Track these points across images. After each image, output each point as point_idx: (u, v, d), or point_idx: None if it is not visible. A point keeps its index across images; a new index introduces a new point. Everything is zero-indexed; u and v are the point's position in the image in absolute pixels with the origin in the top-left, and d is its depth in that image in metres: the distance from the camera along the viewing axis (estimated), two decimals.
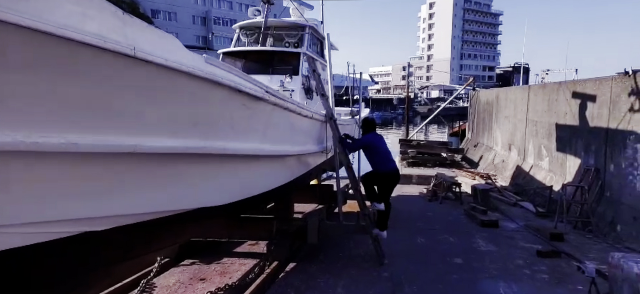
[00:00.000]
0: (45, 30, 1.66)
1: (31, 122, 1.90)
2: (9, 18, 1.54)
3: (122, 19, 2.01)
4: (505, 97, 13.55)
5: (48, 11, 1.66)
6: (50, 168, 2.09)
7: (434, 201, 9.41)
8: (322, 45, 9.71)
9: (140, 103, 2.38)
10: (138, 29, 2.11)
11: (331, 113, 5.82)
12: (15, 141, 1.84)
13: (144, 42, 2.13)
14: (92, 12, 1.85)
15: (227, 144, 3.43)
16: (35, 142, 1.90)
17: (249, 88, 3.36)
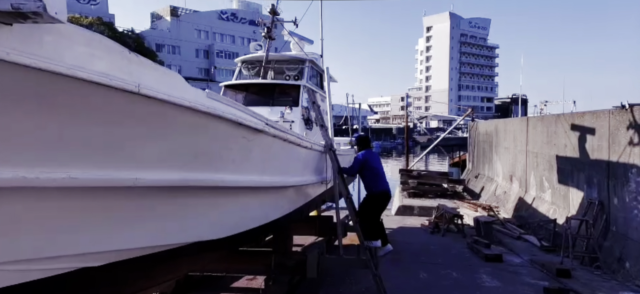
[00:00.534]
0: (57, 71, 1.72)
1: (33, 157, 1.92)
2: (23, 61, 1.58)
3: (128, 58, 2.08)
4: (504, 129, 13.61)
5: (59, 53, 1.72)
6: (50, 203, 2.10)
7: (436, 233, 9.27)
8: (322, 77, 9.86)
9: (142, 137, 2.42)
10: (143, 67, 2.18)
11: (330, 144, 5.83)
12: (16, 177, 1.86)
13: (148, 79, 2.19)
14: (99, 53, 1.91)
15: (226, 176, 3.41)
16: (37, 177, 1.92)
17: (249, 121, 3.37)
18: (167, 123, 2.52)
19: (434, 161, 35.83)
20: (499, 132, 14.09)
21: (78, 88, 1.86)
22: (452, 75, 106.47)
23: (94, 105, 2.02)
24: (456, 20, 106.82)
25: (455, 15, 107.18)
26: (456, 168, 19.77)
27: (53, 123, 1.92)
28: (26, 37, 1.56)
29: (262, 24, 9.19)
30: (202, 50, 64.09)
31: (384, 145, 58.24)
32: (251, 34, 62.47)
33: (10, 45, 1.51)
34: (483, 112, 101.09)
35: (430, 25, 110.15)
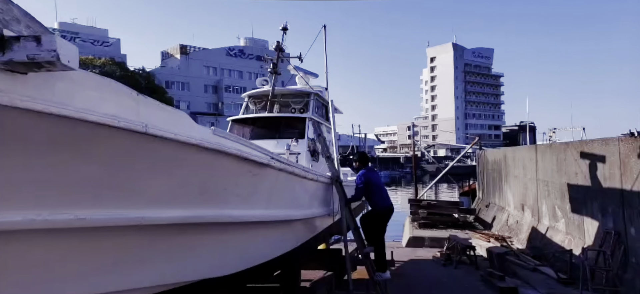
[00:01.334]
0: (68, 115, 1.78)
1: (42, 200, 1.96)
2: (36, 107, 1.64)
3: (136, 99, 2.14)
4: (512, 157, 13.48)
5: (70, 98, 1.78)
6: (58, 245, 2.12)
7: (449, 265, 9.04)
8: (327, 109, 9.97)
9: (148, 176, 2.45)
10: (150, 107, 2.24)
11: (337, 175, 5.82)
12: (25, 219, 1.89)
13: (155, 119, 2.25)
14: (109, 96, 1.98)
15: (233, 212, 3.42)
16: (45, 219, 1.95)
17: (254, 155, 3.41)
18: (173, 161, 2.56)
19: (443, 191, 35.42)
20: (507, 161, 13.96)
21: (87, 131, 1.91)
22: (458, 103, 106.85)
23: (102, 145, 2.07)
24: (459, 50, 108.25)
25: (458, 45, 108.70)
26: (466, 197, 19.49)
27: (62, 165, 1.96)
28: (40, 84, 1.62)
29: (269, 60, 9.42)
30: (210, 86, 65.46)
31: (392, 175, 57.86)
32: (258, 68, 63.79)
33: (25, 93, 1.57)
34: (491, 140, 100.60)
35: (434, 56, 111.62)
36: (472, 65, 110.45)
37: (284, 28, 9.37)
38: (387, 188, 7.08)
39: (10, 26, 1.39)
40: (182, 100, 60.06)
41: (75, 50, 1.48)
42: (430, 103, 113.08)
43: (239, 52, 68.28)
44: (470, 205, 17.24)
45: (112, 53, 55.25)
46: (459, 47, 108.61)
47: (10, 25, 1.39)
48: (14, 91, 1.53)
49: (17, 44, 1.38)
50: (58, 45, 1.37)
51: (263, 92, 9.25)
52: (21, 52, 1.37)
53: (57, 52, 1.37)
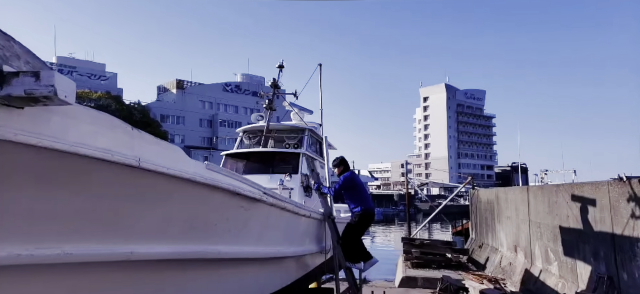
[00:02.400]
0: (60, 149, 1.79)
1: (29, 234, 1.93)
2: (30, 141, 1.66)
3: (131, 134, 2.17)
4: (505, 197, 13.54)
5: (64, 132, 1.81)
6: (42, 281, 2.07)
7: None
8: (321, 145, 10.05)
9: (139, 210, 2.44)
10: (144, 142, 2.27)
11: (330, 211, 5.79)
12: (10, 255, 1.86)
13: (149, 153, 2.27)
14: (103, 130, 2.01)
15: (222, 248, 3.37)
16: (31, 254, 1.92)
17: (246, 190, 3.40)
18: (166, 195, 2.56)
19: (436, 229, 35.16)
20: (500, 201, 14.00)
21: (81, 164, 1.92)
22: (451, 143, 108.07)
23: (95, 179, 2.07)
24: (452, 91, 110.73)
25: (451, 86, 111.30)
26: (460, 237, 19.35)
27: (52, 198, 1.95)
28: (35, 118, 1.65)
29: (265, 96, 9.58)
30: (206, 120, 65.76)
31: (386, 212, 57.42)
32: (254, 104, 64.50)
33: (20, 127, 1.59)
34: (484, 179, 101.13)
35: (427, 96, 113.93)
36: (464, 106, 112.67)
37: (281, 66, 9.59)
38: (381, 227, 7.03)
39: (10, 62, 1.43)
40: (177, 133, 60.08)
41: (73, 85, 1.52)
42: (423, 142, 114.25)
43: (235, 87, 69.19)
44: (464, 245, 17.09)
45: (108, 87, 55.66)
46: (452, 88, 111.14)
47: (10, 61, 1.43)
48: (8, 125, 1.55)
49: (16, 79, 1.41)
50: (56, 81, 1.41)
51: (258, 127, 9.34)
52: (19, 87, 1.41)
53: (54, 87, 1.40)
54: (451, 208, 35.26)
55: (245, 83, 70.67)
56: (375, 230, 31.65)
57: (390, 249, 21.55)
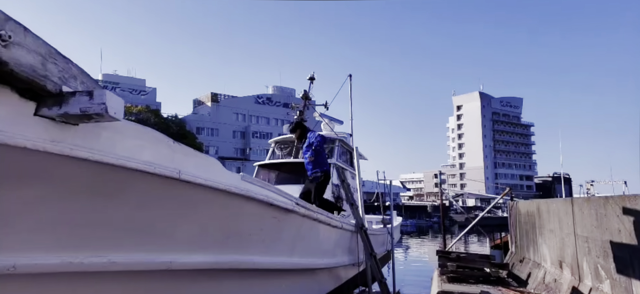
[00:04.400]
0: (109, 162, 1.91)
1: (79, 243, 2.05)
2: (83, 155, 1.78)
3: (172, 147, 2.27)
4: (547, 209, 12.88)
5: (112, 146, 1.92)
6: (91, 288, 2.19)
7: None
8: (352, 155, 10.03)
9: (179, 220, 2.53)
10: (184, 154, 2.36)
11: (361, 223, 5.75)
12: (62, 262, 1.98)
13: (188, 165, 2.36)
14: (147, 144, 2.12)
15: (256, 258, 3.42)
16: (81, 262, 2.04)
17: (279, 201, 3.45)
18: (204, 205, 2.65)
19: (473, 242, 33.92)
20: (541, 213, 13.35)
21: (126, 177, 2.04)
22: (487, 152, 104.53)
23: (138, 191, 2.18)
24: (487, 99, 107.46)
25: (485, 94, 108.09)
26: (498, 251, 18.56)
27: (100, 209, 2.08)
28: (87, 133, 1.77)
29: (295, 107, 9.71)
30: (239, 132, 67.31)
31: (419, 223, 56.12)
32: (285, 115, 65.40)
33: (74, 141, 1.72)
34: (523, 190, 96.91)
35: (460, 104, 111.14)
36: (500, 114, 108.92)
37: (311, 78, 9.71)
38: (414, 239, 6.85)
39: (68, 82, 1.55)
40: (211, 145, 61.83)
41: (121, 102, 1.63)
42: (457, 152, 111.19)
43: (266, 99, 70.51)
44: (503, 259, 16.38)
45: (148, 101, 58.34)
46: (486, 96, 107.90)
47: (68, 82, 1.55)
48: (66, 140, 1.68)
49: (73, 98, 1.54)
50: (107, 99, 1.52)
51: (289, 137, 9.46)
52: (75, 106, 1.53)
53: (105, 105, 1.51)
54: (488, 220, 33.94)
55: (276, 95, 71.89)
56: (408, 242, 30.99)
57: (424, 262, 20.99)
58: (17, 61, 1.37)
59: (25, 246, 1.87)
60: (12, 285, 1.90)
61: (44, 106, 1.57)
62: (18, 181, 1.72)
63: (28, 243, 1.88)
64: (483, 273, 14.07)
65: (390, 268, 9.73)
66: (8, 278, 1.86)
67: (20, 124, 1.55)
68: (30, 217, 1.85)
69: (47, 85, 1.49)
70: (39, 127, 1.59)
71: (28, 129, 1.56)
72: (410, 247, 28.59)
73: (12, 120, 1.52)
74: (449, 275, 13.90)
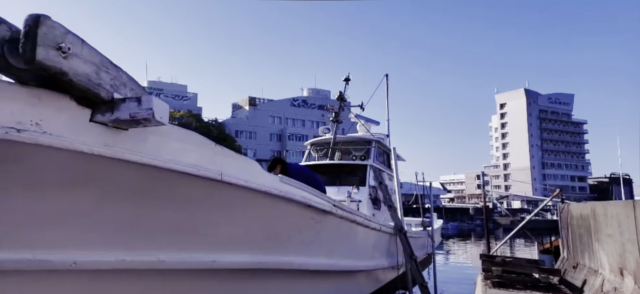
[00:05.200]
0: (156, 165, 2.00)
1: (130, 243, 2.18)
2: (133, 158, 1.89)
3: (214, 150, 2.35)
4: (603, 212, 12.02)
5: (159, 149, 2.02)
6: (141, 285, 2.31)
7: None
8: (389, 157, 9.89)
9: (221, 221, 2.62)
10: (225, 157, 2.44)
11: (400, 225, 5.66)
12: (117, 260, 2.11)
13: (229, 167, 2.43)
14: (191, 147, 2.20)
15: (295, 259, 3.46)
16: (132, 260, 2.16)
17: (317, 202, 3.47)
18: (245, 206, 2.72)
19: (519, 247, 32.34)
20: (597, 217, 12.47)
21: (172, 179, 2.13)
22: (533, 152, 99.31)
23: (183, 192, 2.28)
24: (533, 96, 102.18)
25: (531, 91, 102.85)
26: (548, 256, 17.51)
27: (148, 210, 2.19)
28: (136, 137, 1.88)
29: (331, 109, 9.74)
30: (275, 135, 68.47)
31: (461, 227, 54.32)
32: (320, 117, 65.70)
33: (125, 146, 1.83)
34: (575, 192, 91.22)
35: (504, 102, 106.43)
36: (548, 112, 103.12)
37: (347, 79, 9.70)
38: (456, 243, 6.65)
39: (119, 90, 1.66)
40: (249, 148, 63.33)
41: (166, 108, 1.71)
42: (501, 152, 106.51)
43: (302, 102, 71.22)
44: (554, 265, 15.48)
45: (190, 106, 60.76)
46: (532, 93, 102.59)
47: (119, 89, 1.66)
48: (116, 145, 1.79)
49: (123, 105, 1.64)
50: (154, 104, 1.60)
51: (325, 139, 9.50)
52: (125, 112, 1.62)
53: (152, 110, 1.59)
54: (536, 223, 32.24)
55: (311, 97, 72.41)
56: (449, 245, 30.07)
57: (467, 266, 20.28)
58: (75, 71, 1.48)
59: (84, 244, 2.01)
60: (72, 280, 2.05)
61: (98, 112, 1.69)
62: (77, 184, 1.85)
63: (86, 242, 2.02)
64: (531, 279, 13.35)
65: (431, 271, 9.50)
66: (69, 274, 2.01)
67: (79, 130, 1.67)
68: (87, 217, 1.99)
69: (100, 93, 1.60)
70: (94, 133, 1.71)
71: (85, 135, 1.68)
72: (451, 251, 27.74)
73: (71, 127, 1.64)
74: (494, 280, 13.30)
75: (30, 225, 1.82)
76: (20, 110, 1.50)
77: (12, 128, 1.48)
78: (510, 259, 14.91)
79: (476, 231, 50.77)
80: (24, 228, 1.81)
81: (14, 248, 1.80)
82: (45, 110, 1.56)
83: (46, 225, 1.87)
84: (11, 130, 1.48)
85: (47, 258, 1.90)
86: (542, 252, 19.93)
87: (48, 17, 1.38)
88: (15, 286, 1.87)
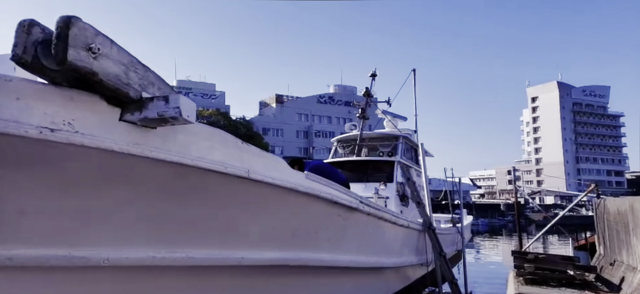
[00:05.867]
0: (185, 163, 2.03)
1: (160, 239, 2.22)
2: (162, 156, 1.92)
3: (240, 147, 2.36)
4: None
5: (187, 147, 2.04)
6: (172, 282, 2.36)
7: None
8: (417, 153, 9.72)
9: (249, 218, 2.63)
10: (252, 154, 2.45)
11: (429, 222, 5.55)
12: (147, 256, 2.15)
13: (256, 165, 2.44)
14: (217, 145, 2.22)
15: (322, 256, 3.45)
16: (163, 257, 2.20)
17: (343, 199, 3.44)
18: (271, 203, 2.72)
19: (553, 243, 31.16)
20: (636, 212, 11.83)
21: (200, 176, 2.15)
22: (567, 146, 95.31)
23: (211, 190, 2.30)
24: (566, 89, 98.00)
25: (564, 84, 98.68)
26: (584, 252, 16.77)
27: (177, 207, 2.22)
28: (164, 136, 1.90)
29: (357, 105, 9.66)
30: (302, 132, 68.78)
31: (492, 223, 52.89)
32: (346, 113, 65.47)
33: (154, 144, 1.85)
34: (611, 187, 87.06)
35: (536, 96, 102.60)
36: (582, 105, 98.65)
37: (373, 74, 9.58)
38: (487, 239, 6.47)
39: (147, 89, 1.67)
40: (277, 145, 63.93)
41: (193, 106, 1.72)
42: (532, 146, 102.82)
43: (328, 98, 71.14)
44: (589, 262, 14.81)
45: (218, 104, 61.90)
46: (566, 86, 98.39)
47: (147, 88, 1.67)
48: (146, 143, 1.82)
49: (151, 103, 1.65)
50: (181, 103, 1.61)
51: (351, 136, 9.43)
52: (153, 110, 1.64)
53: (179, 108, 1.60)
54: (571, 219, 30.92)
55: (338, 93, 72.23)
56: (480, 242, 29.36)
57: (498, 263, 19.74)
58: (104, 71, 1.51)
59: (116, 241, 2.07)
60: (105, 275, 2.11)
61: (127, 111, 1.71)
62: (107, 182, 1.90)
63: (118, 239, 2.07)
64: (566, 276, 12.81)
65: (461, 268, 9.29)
66: (102, 270, 2.07)
67: (109, 129, 1.70)
68: (119, 215, 2.04)
69: (130, 93, 1.62)
70: (123, 131, 1.73)
71: (115, 133, 1.71)
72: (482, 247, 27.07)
73: (102, 126, 1.67)
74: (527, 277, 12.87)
75: (65, 223, 1.88)
76: (54, 111, 1.54)
77: (46, 128, 1.52)
78: (543, 256, 14.36)
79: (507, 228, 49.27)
80: (58, 225, 1.86)
81: (50, 245, 1.86)
82: (77, 110, 1.59)
83: (80, 222, 1.92)
84: (45, 130, 1.52)
85: (81, 254, 1.95)
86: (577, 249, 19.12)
87: (79, 18, 1.41)
88: (51, 282, 1.94)
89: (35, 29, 1.43)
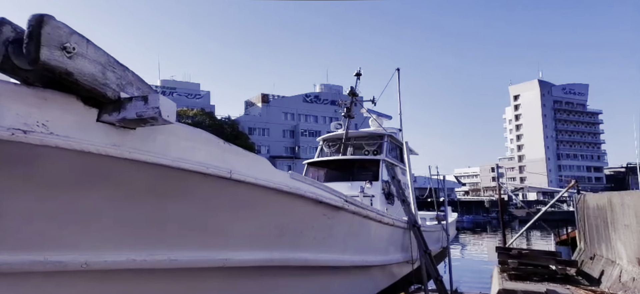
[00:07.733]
0: (165, 164, 1.99)
1: (141, 242, 2.17)
2: (141, 157, 1.88)
3: (223, 148, 2.33)
4: (620, 202, 11.74)
5: (167, 148, 2.00)
6: (153, 284, 2.31)
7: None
8: (402, 151, 9.81)
9: (232, 218, 2.60)
10: (235, 154, 2.42)
11: (414, 220, 5.60)
12: (127, 259, 2.11)
13: (239, 165, 2.41)
14: (199, 145, 2.19)
15: (308, 255, 3.44)
16: (144, 259, 2.16)
17: (328, 198, 3.44)
18: (255, 204, 2.70)
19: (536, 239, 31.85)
20: (614, 207, 12.19)
21: (181, 177, 2.12)
22: (548, 143, 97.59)
23: (192, 191, 2.26)
24: (547, 87, 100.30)
25: (545, 82, 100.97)
26: (565, 247, 17.22)
27: (157, 209, 2.17)
28: (144, 137, 1.86)
29: (343, 104, 9.69)
30: (288, 131, 68.61)
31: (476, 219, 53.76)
32: (333, 113, 65.59)
33: (133, 145, 1.81)
34: (591, 182, 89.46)
35: (518, 94, 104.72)
36: (562, 103, 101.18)
37: (358, 74, 9.62)
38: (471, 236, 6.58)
39: (125, 89, 1.64)
40: (263, 144, 63.61)
41: (173, 106, 1.69)
42: (515, 143, 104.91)
43: (314, 98, 71.16)
44: (571, 256, 15.20)
45: (203, 104, 61.20)
46: (546, 84, 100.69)
47: (125, 88, 1.64)
48: (124, 144, 1.77)
49: (129, 104, 1.62)
50: (160, 103, 1.58)
51: (337, 135, 9.46)
52: (132, 111, 1.60)
53: (159, 109, 1.57)
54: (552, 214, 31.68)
55: (324, 93, 72.31)
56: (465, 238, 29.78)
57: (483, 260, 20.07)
58: (80, 71, 1.46)
59: (95, 245, 2.01)
60: (84, 280, 2.05)
61: (105, 112, 1.67)
62: (85, 184, 1.85)
63: (97, 242, 2.02)
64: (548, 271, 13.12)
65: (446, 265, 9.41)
66: (81, 274, 2.01)
67: (86, 130, 1.65)
68: (97, 218, 1.99)
69: (107, 93, 1.58)
70: (101, 133, 1.69)
71: (92, 135, 1.67)
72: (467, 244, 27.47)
73: (78, 127, 1.63)
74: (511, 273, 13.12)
75: (41, 227, 1.82)
76: (26, 112, 1.49)
77: (19, 129, 1.47)
78: (526, 252, 14.67)
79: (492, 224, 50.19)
80: (34, 229, 1.81)
81: (25, 250, 1.80)
82: (51, 110, 1.55)
83: (56, 226, 1.87)
84: (17, 131, 1.47)
85: (58, 259, 1.90)
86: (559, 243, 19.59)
87: (52, 17, 1.36)
88: (27, 288, 1.88)
89: (6, 28, 1.38)
